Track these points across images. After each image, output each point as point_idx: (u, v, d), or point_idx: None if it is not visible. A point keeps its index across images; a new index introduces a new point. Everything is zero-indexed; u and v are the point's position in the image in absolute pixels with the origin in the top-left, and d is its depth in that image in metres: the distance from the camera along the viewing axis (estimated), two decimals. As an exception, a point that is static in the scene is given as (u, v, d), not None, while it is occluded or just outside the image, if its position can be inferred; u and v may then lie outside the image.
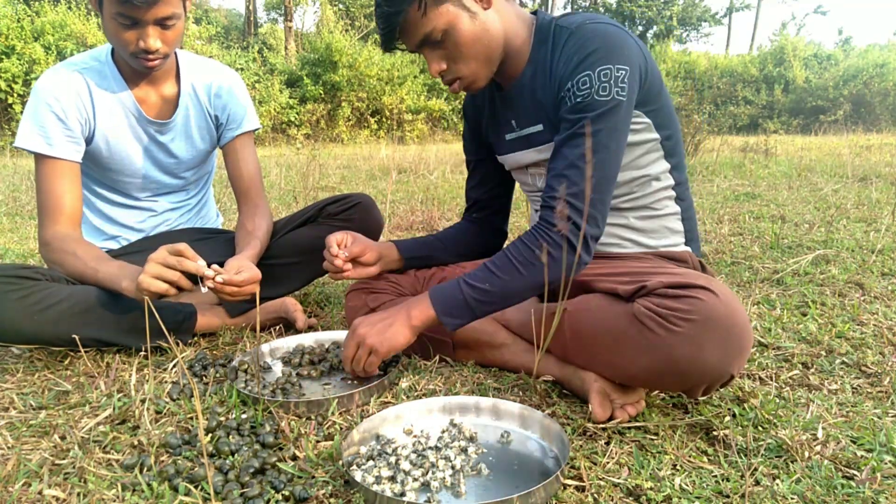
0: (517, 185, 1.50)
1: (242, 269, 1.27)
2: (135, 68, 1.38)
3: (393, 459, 0.90)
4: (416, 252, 1.44)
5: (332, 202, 1.62)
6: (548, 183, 1.09)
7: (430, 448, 0.94)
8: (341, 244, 1.32)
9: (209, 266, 1.23)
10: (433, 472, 0.87)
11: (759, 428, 1.02)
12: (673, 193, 1.21)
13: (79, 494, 0.84)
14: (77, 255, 1.32)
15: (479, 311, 1.09)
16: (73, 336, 1.23)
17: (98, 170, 1.51)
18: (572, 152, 1.05)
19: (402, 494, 0.83)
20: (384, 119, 13.87)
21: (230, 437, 0.97)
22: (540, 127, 1.20)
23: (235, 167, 1.59)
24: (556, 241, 1.05)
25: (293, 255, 1.57)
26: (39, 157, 1.36)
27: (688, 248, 1.23)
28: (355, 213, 1.60)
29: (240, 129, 1.58)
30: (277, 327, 1.56)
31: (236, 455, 0.92)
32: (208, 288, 1.22)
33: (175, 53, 1.51)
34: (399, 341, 1.11)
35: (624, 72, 1.05)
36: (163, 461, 0.92)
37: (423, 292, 1.14)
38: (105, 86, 1.43)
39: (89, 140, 1.44)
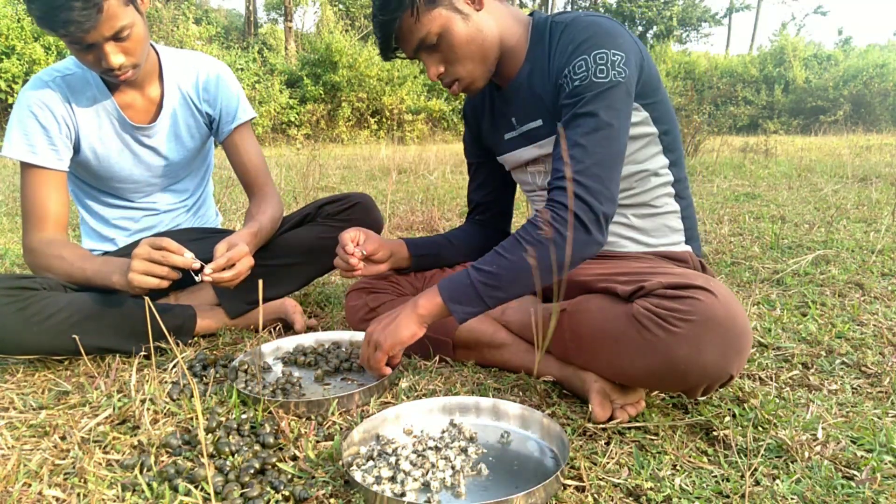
0: (517, 186, 1.50)
1: (229, 248, 1.25)
2: None
3: (393, 459, 0.90)
4: (425, 250, 1.43)
5: (331, 202, 1.60)
6: (553, 166, 1.08)
7: (430, 448, 0.94)
8: (356, 241, 1.30)
9: (202, 263, 1.22)
10: (433, 473, 0.87)
11: (759, 428, 1.02)
12: (672, 191, 1.21)
13: (79, 494, 0.84)
14: (63, 257, 1.33)
15: (486, 296, 1.04)
16: (74, 336, 1.22)
17: (91, 176, 1.51)
18: (574, 133, 1.04)
19: (402, 495, 0.83)
20: (384, 119, 13.86)
21: (230, 437, 0.97)
22: (539, 122, 1.21)
23: (238, 160, 1.58)
24: (564, 218, 1.01)
25: (291, 256, 1.55)
26: (24, 166, 1.36)
27: (688, 248, 1.23)
28: (354, 213, 1.59)
29: (236, 122, 1.55)
30: (277, 327, 1.56)
31: (236, 455, 0.92)
32: (204, 280, 1.22)
33: (157, 52, 1.48)
34: (404, 334, 1.08)
35: (620, 57, 1.05)
36: (163, 461, 0.92)
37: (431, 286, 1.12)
38: (87, 93, 1.41)
39: (77, 148, 1.42)
